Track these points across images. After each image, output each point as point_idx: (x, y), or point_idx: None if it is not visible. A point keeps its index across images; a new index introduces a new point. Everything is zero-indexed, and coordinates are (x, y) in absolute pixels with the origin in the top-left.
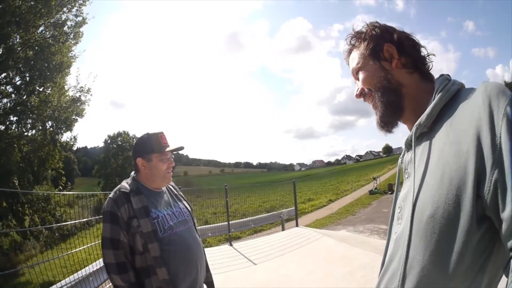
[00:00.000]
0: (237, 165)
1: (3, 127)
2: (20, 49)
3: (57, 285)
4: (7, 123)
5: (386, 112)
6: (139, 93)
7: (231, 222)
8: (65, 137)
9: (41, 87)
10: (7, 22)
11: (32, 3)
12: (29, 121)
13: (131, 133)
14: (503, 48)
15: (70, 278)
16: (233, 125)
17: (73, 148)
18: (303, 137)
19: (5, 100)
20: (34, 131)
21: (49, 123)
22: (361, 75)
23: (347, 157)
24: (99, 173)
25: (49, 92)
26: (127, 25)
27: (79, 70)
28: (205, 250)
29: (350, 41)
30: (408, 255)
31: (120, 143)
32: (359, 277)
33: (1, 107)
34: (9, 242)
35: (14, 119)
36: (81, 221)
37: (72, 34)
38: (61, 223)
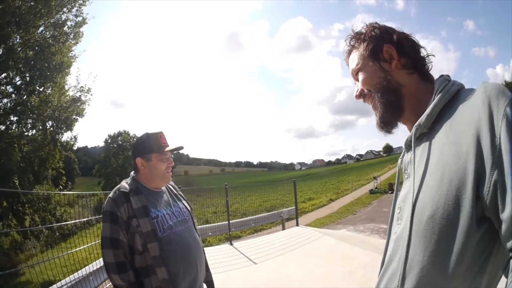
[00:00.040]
0: (238, 164)
1: (3, 127)
2: (20, 49)
3: (57, 284)
4: (8, 123)
5: (386, 112)
6: (139, 93)
7: (231, 221)
8: (66, 136)
9: (41, 87)
10: (7, 22)
11: (32, 3)
12: (29, 121)
13: (132, 132)
14: (503, 47)
15: (70, 277)
16: (233, 125)
17: (74, 147)
18: (303, 137)
19: (5, 100)
20: (34, 131)
21: (49, 123)
22: (360, 76)
23: (348, 157)
24: (100, 173)
25: (49, 92)
26: (127, 25)
27: (79, 70)
28: (205, 249)
29: (349, 42)
30: (407, 255)
31: (120, 142)
32: (359, 277)
33: (1, 107)
34: (10, 241)
35: (14, 119)
36: (81, 220)
37: (72, 34)
38: (61, 222)
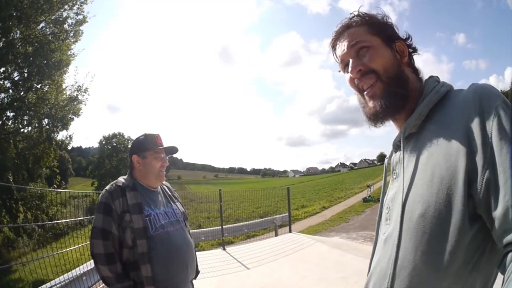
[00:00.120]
0: (231, 170)
1: None
2: (20, 44)
3: (50, 282)
4: (4, 119)
5: (388, 101)
6: (135, 98)
7: (224, 226)
8: (61, 135)
9: (39, 84)
10: (9, 16)
11: None
12: (26, 118)
13: (126, 135)
14: (496, 58)
15: (64, 276)
16: (226, 131)
17: (68, 147)
18: (294, 145)
19: (2, 95)
20: (30, 128)
21: (45, 121)
22: (371, 54)
23: (341, 165)
24: (93, 174)
25: (46, 89)
26: (125, 29)
27: (77, 69)
28: (198, 253)
29: (353, 18)
30: (398, 255)
31: (115, 144)
32: (352, 283)
33: None
34: (2, 238)
35: (11, 114)
36: (75, 220)
37: (72, 32)
38: (54, 221)
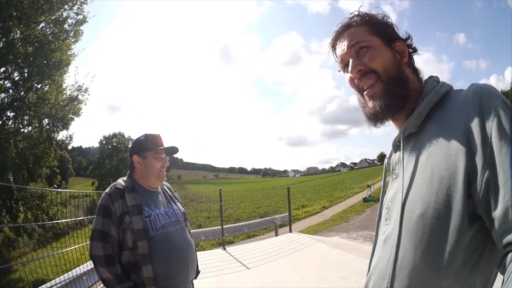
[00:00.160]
0: (231, 170)
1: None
2: (20, 44)
3: (51, 282)
4: (4, 118)
5: (388, 101)
6: (135, 97)
7: (224, 226)
8: (61, 135)
9: (39, 84)
10: (9, 16)
11: None
12: (26, 118)
13: (127, 134)
14: (496, 58)
15: (64, 276)
16: (226, 130)
17: (69, 147)
18: (294, 145)
19: (2, 95)
20: (30, 128)
21: (45, 121)
22: (371, 54)
23: (342, 165)
24: (93, 174)
25: (47, 89)
26: (126, 29)
27: (78, 69)
28: (198, 253)
29: (353, 18)
30: (397, 255)
31: (115, 144)
32: (352, 283)
33: None
34: (2, 238)
35: (11, 114)
36: (75, 219)
37: (72, 32)
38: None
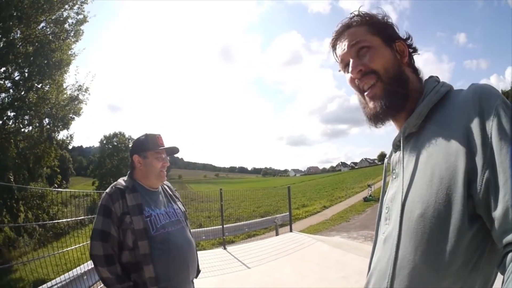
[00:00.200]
0: (232, 169)
1: (0, 121)
2: (20, 44)
3: (51, 282)
4: (5, 118)
5: (389, 101)
6: (136, 97)
7: (225, 226)
8: (62, 135)
9: (40, 84)
10: (10, 15)
11: None
12: (27, 117)
13: (127, 134)
14: (496, 58)
15: (65, 275)
16: (227, 130)
17: (69, 146)
18: (295, 144)
19: (3, 95)
20: (31, 128)
21: (46, 120)
22: (371, 54)
23: (342, 164)
24: (94, 173)
25: (47, 89)
26: (126, 28)
27: (78, 68)
28: (198, 253)
29: (353, 18)
30: (397, 255)
31: (115, 143)
32: (353, 282)
33: None
34: (3, 238)
35: (11, 114)
36: (75, 219)
37: (72, 32)
38: (55, 221)
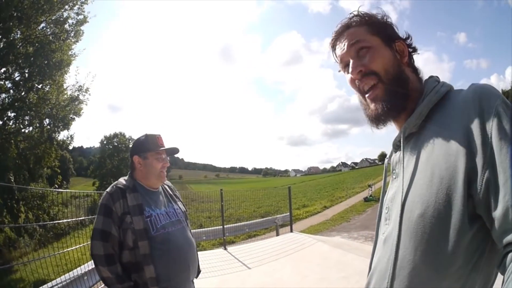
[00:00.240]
0: (232, 170)
1: (0, 122)
2: (20, 44)
3: (52, 282)
4: (5, 119)
5: (390, 102)
6: (136, 97)
7: (225, 226)
8: (62, 135)
9: (40, 84)
10: (10, 16)
11: None
12: (27, 118)
13: (128, 134)
14: (496, 57)
15: (65, 276)
16: (227, 130)
17: (69, 147)
18: (295, 144)
19: (3, 95)
20: (31, 128)
21: (46, 121)
22: (371, 55)
23: (343, 164)
24: (94, 174)
25: (47, 89)
26: (126, 28)
27: (78, 69)
28: (199, 253)
29: (352, 18)
30: (397, 255)
31: (116, 144)
32: (353, 283)
33: (0, 102)
34: (3, 238)
35: (12, 115)
36: (76, 219)
37: (72, 32)
38: (55, 221)
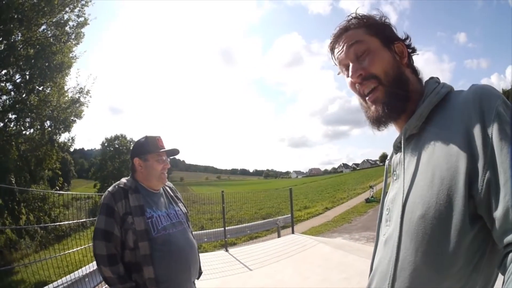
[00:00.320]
0: (234, 171)
1: (1, 124)
2: (21, 46)
3: (53, 284)
4: (6, 121)
5: (390, 104)
6: (137, 99)
7: (227, 228)
8: (63, 137)
9: (41, 86)
10: (10, 18)
11: (35, 0)
12: (28, 120)
13: (129, 136)
14: (497, 57)
15: (66, 277)
16: (228, 132)
17: (70, 149)
18: (297, 146)
19: (4, 97)
20: (32, 130)
21: (47, 123)
22: (370, 58)
23: (344, 166)
24: (96, 176)
25: (48, 91)
26: (127, 30)
27: (79, 71)
28: (200, 255)
29: (350, 20)
30: (398, 256)
31: (117, 146)
32: (355, 284)
33: (0, 104)
34: (4, 240)
35: (13, 117)
36: (77, 221)
37: (73, 34)
38: (56, 223)
